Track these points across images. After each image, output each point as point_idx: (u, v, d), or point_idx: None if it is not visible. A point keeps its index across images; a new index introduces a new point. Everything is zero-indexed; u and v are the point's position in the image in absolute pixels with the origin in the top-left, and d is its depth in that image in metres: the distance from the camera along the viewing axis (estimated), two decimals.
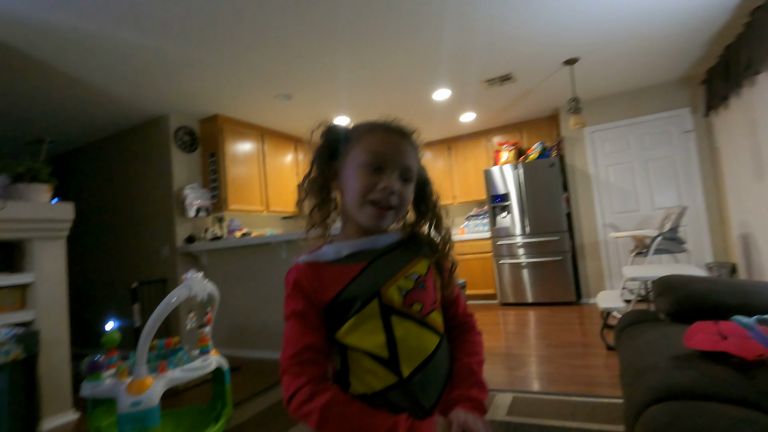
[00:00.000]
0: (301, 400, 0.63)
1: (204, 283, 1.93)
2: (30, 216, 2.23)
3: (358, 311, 0.68)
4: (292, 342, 0.68)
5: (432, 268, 0.76)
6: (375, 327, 0.68)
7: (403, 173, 0.73)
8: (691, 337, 1.19)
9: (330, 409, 0.62)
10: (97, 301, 4.18)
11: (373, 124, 0.75)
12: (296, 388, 0.64)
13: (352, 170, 0.72)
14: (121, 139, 4.09)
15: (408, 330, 0.68)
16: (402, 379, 0.66)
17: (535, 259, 4.52)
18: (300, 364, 0.66)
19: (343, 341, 0.69)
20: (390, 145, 0.72)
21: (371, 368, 0.67)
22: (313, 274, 0.70)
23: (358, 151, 0.72)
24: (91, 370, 1.75)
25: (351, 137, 0.75)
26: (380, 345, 0.67)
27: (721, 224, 3.93)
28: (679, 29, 3.02)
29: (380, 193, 0.70)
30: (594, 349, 2.80)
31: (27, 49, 2.50)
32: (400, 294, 0.70)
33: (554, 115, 4.83)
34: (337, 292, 0.69)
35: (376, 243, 0.74)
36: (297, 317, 0.69)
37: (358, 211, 0.72)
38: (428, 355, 0.69)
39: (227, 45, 2.70)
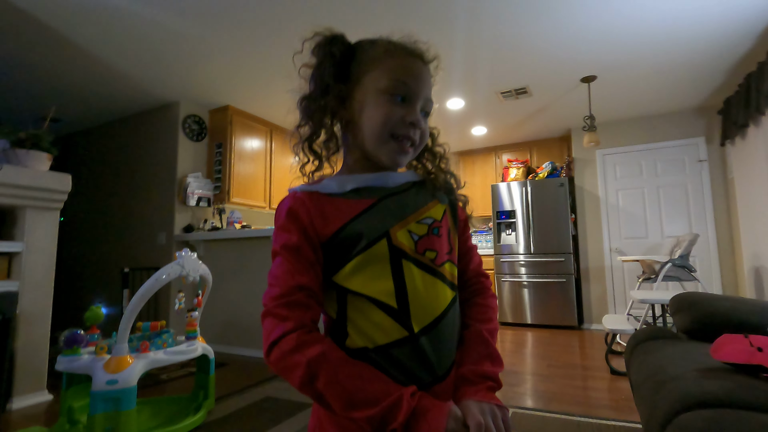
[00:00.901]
0: (286, 349, 0.52)
1: (197, 264, 1.84)
2: (26, 183, 2.16)
3: (364, 250, 0.58)
4: (281, 280, 0.57)
5: (447, 214, 0.67)
6: (383, 271, 0.58)
7: (425, 106, 0.64)
8: (720, 348, 1.09)
9: (320, 365, 0.52)
10: (87, 283, 4.08)
11: (390, 43, 0.64)
12: (281, 333, 0.53)
13: (371, 97, 0.62)
14: (129, 122, 4.06)
15: (421, 279, 0.59)
16: (412, 334, 0.57)
17: (538, 279, 4.41)
18: (288, 305, 0.55)
19: (343, 285, 0.59)
20: (413, 73, 0.63)
21: (376, 319, 0.57)
22: (313, 203, 0.60)
23: (378, 75, 0.62)
24: (68, 343, 1.65)
25: (365, 57, 0.64)
26: (388, 292, 0.57)
27: (732, 256, 3.83)
28: (700, 55, 2.99)
29: (406, 127, 0.61)
30: (597, 373, 2.67)
31: (43, 16, 2.47)
32: (411, 239, 0.60)
33: (566, 136, 4.79)
34: (339, 226, 0.59)
35: (386, 180, 0.64)
36: (289, 252, 0.58)
37: (377, 146, 0.62)
38: (441, 311, 0.60)
39: (245, 33, 2.67)
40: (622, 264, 4.22)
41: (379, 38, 0.66)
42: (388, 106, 0.61)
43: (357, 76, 0.63)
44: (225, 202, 3.81)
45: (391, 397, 0.51)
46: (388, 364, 0.56)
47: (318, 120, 0.64)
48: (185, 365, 2.87)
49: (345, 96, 0.63)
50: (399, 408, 0.50)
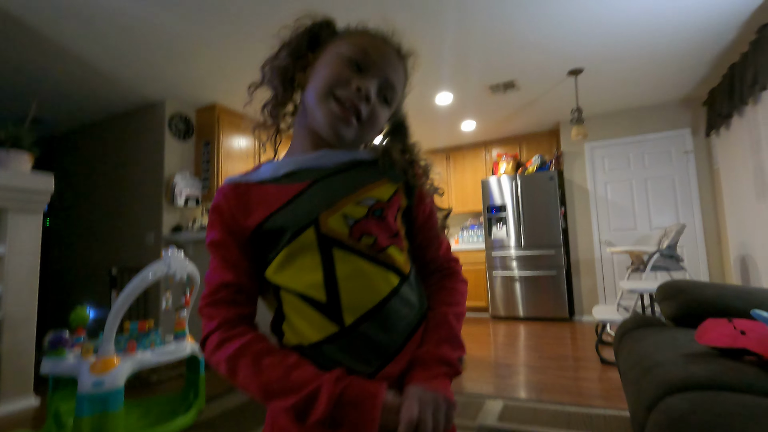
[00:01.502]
0: (210, 347, 0.54)
1: (184, 262, 1.82)
2: (6, 183, 2.12)
3: (289, 242, 0.55)
4: (210, 279, 0.57)
5: (399, 194, 0.62)
6: (312, 263, 0.54)
7: (384, 87, 0.60)
8: (704, 333, 1.10)
9: (239, 359, 0.51)
10: (75, 285, 4.02)
11: (370, 29, 0.64)
12: (206, 332, 0.55)
13: (327, 58, 0.60)
14: (114, 122, 3.99)
15: (354, 267, 0.54)
16: (343, 328, 0.53)
17: (529, 273, 4.43)
18: (213, 304, 0.55)
19: (273, 280, 0.56)
20: (380, 51, 0.60)
21: (306, 314, 0.54)
22: (236, 196, 0.58)
23: (342, 43, 0.61)
24: (53, 345, 1.62)
25: (339, 31, 0.64)
26: (316, 285, 0.54)
27: (719, 245, 3.89)
28: (684, 46, 3.02)
29: (351, 91, 0.57)
30: (588, 363, 2.70)
31: (22, 13, 2.41)
32: (345, 223, 0.56)
33: (554, 129, 4.81)
34: (263, 217, 0.56)
35: (322, 160, 0.60)
36: (214, 249, 0.57)
37: (318, 105, 0.59)
38: (380, 300, 0.54)
39: (232, 29, 2.64)
40: (611, 255, 4.26)
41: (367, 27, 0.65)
42: (339, 66, 0.59)
43: (324, 44, 0.63)
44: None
45: (311, 385, 0.48)
46: (322, 361, 0.53)
47: (278, 80, 0.63)
48: (175, 366, 2.84)
49: (307, 64, 0.62)
50: (317, 397, 0.48)
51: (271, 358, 0.51)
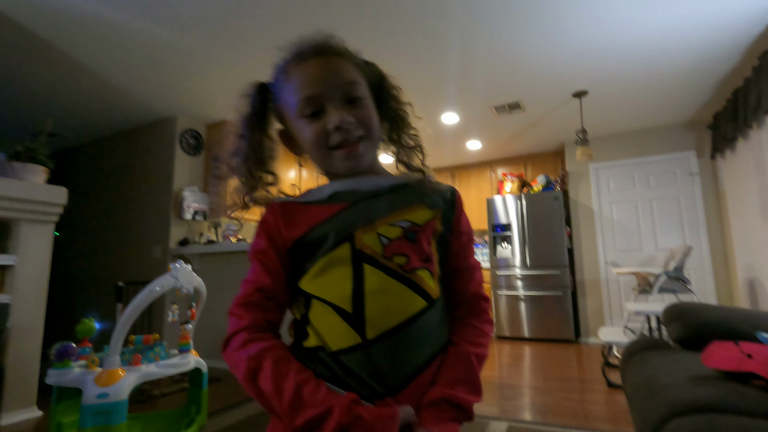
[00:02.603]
0: (234, 346, 0.56)
1: (191, 275, 1.84)
2: (21, 195, 2.16)
3: (326, 253, 0.58)
4: (247, 283, 0.60)
5: (436, 221, 0.63)
6: (343, 275, 0.57)
7: (346, 94, 0.61)
8: (710, 356, 1.09)
9: (261, 360, 0.53)
10: (81, 297, 4.04)
11: (283, 62, 0.65)
12: (233, 331, 0.57)
13: (294, 127, 0.64)
14: (126, 137, 4.08)
15: (382, 284, 0.56)
16: (365, 341, 0.54)
17: (534, 293, 4.40)
18: (245, 305, 0.58)
19: (306, 289, 0.59)
20: (311, 80, 0.60)
21: (332, 323, 0.56)
22: (283, 212, 0.62)
23: (287, 104, 0.63)
24: (59, 356, 1.63)
25: (276, 86, 0.65)
26: (345, 296, 0.56)
27: (726, 268, 3.85)
28: (688, 71, 3.07)
29: (337, 134, 0.60)
30: (594, 386, 2.65)
31: (41, 31, 2.51)
32: (379, 242, 0.58)
33: (560, 150, 4.85)
34: (306, 230, 0.60)
35: (362, 184, 0.64)
36: (256, 257, 0.61)
37: (326, 164, 0.63)
38: (405, 319, 0.56)
39: (243, 47, 2.72)
40: (617, 277, 4.23)
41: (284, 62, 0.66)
42: (306, 128, 0.61)
43: (284, 113, 0.66)
44: (221, 216, 3.81)
45: (326, 404, 0.49)
46: (339, 369, 0.55)
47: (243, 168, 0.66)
48: (178, 380, 2.84)
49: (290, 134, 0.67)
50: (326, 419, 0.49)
51: (288, 367, 0.53)
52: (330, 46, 0.64)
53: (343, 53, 0.64)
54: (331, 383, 0.54)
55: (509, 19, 2.45)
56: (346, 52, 0.65)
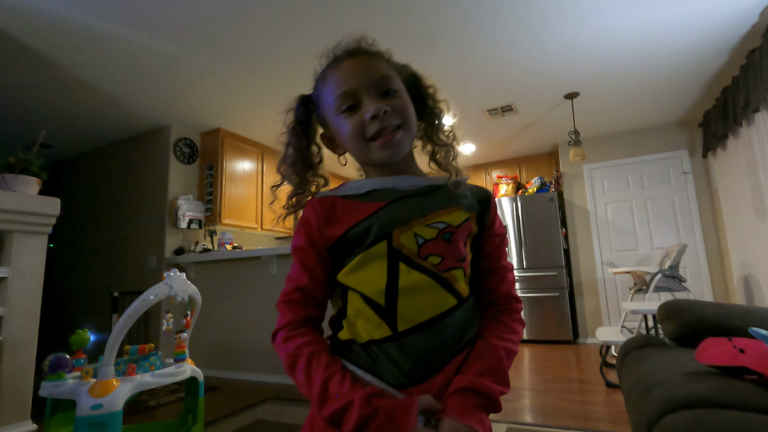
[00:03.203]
0: (278, 342, 0.62)
1: (185, 283, 1.83)
2: (14, 207, 2.15)
3: (364, 249, 0.61)
4: (289, 280, 0.65)
5: (471, 222, 0.65)
6: (379, 270, 0.60)
7: (380, 87, 0.64)
8: (704, 352, 1.10)
9: (297, 358, 0.58)
10: (76, 309, 4.01)
11: (328, 59, 0.69)
12: (278, 327, 0.63)
13: (335, 124, 0.67)
14: (120, 147, 4.08)
15: (416, 282, 0.59)
16: (395, 333, 0.57)
17: (531, 294, 4.40)
18: (287, 303, 0.63)
19: (343, 282, 0.63)
20: (345, 77, 0.64)
21: (366, 315, 0.60)
22: (323, 209, 0.64)
23: (325, 105, 0.67)
24: (53, 368, 1.61)
25: (315, 93, 0.70)
26: (379, 291, 0.59)
27: (721, 265, 3.87)
28: (677, 70, 3.10)
29: (374, 124, 0.62)
30: (593, 386, 2.65)
31: (38, 45, 2.51)
32: (415, 242, 0.61)
33: (553, 151, 4.88)
34: (346, 228, 0.62)
35: (401, 183, 0.66)
36: (296, 254, 0.65)
37: (365, 155, 0.66)
38: (436, 315, 0.58)
39: (236, 56, 2.73)
40: (614, 276, 4.24)
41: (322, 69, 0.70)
42: (345, 123, 0.64)
43: (323, 115, 0.69)
44: (216, 224, 3.80)
45: (348, 398, 0.52)
46: (369, 359, 0.58)
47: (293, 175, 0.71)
48: (174, 390, 2.81)
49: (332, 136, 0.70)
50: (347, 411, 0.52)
51: (318, 362, 0.57)
52: (362, 47, 0.68)
53: (376, 53, 0.68)
54: (367, 372, 0.58)
55: (500, 23, 2.48)
56: (379, 52, 0.69)
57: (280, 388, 2.81)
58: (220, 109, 3.55)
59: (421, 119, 0.71)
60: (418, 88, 0.72)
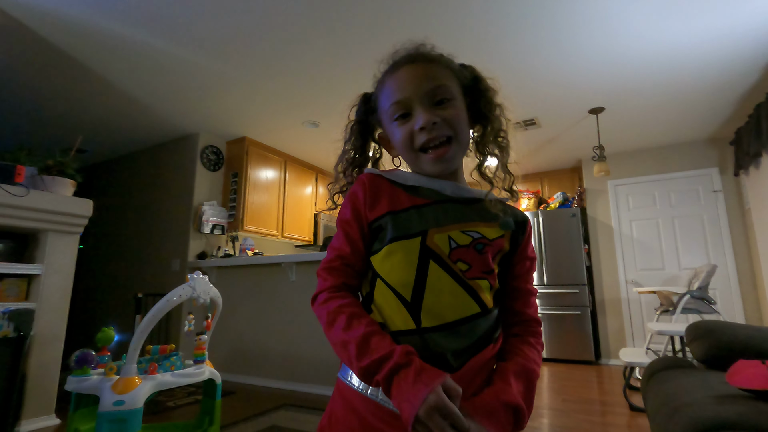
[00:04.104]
0: (319, 302, 0.64)
1: (208, 286, 1.87)
2: (50, 207, 2.25)
3: (398, 240, 0.62)
4: (332, 249, 0.67)
5: (504, 241, 0.66)
6: (409, 264, 0.61)
7: (434, 96, 0.64)
8: (736, 374, 1.06)
9: (337, 315, 0.60)
10: (101, 308, 4.14)
11: (392, 63, 0.70)
12: (318, 291, 0.66)
13: (388, 126, 0.69)
14: (151, 153, 4.23)
15: (443, 282, 0.60)
16: (419, 328, 0.59)
17: (552, 311, 4.30)
18: (329, 269, 0.66)
19: (375, 267, 0.65)
20: (400, 86, 0.65)
21: (393, 305, 0.61)
22: (372, 186, 0.67)
23: (382, 110, 0.69)
24: (79, 363, 1.66)
25: (375, 95, 0.72)
26: (406, 284, 0.60)
27: (754, 289, 3.70)
28: (707, 86, 3.03)
29: (422, 135, 0.63)
30: (615, 408, 2.56)
31: (78, 54, 2.65)
32: (448, 244, 0.62)
33: (577, 166, 4.80)
34: (385, 212, 0.64)
35: (444, 187, 0.67)
36: (341, 226, 0.68)
37: (417, 164, 0.67)
38: (459, 319, 0.59)
39: (262, 67, 2.82)
40: (639, 296, 4.11)
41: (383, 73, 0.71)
42: (397, 131, 0.67)
43: (381, 118, 0.72)
44: (239, 230, 3.88)
45: (385, 350, 0.54)
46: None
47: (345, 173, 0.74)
48: (191, 392, 2.85)
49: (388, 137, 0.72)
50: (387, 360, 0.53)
51: (360, 321, 0.59)
52: (421, 53, 0.68)
53: (435, 58, 0.68)
54: None
55: (524, 36, 2.48)
56: (438, 57, 0.69)
57: (296, 395, 2.81)
58: (246, 118, 3.64)
59: (476, 123, 0.72)
60: (476, 90, 0.71)
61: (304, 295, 3.09)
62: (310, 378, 2.95)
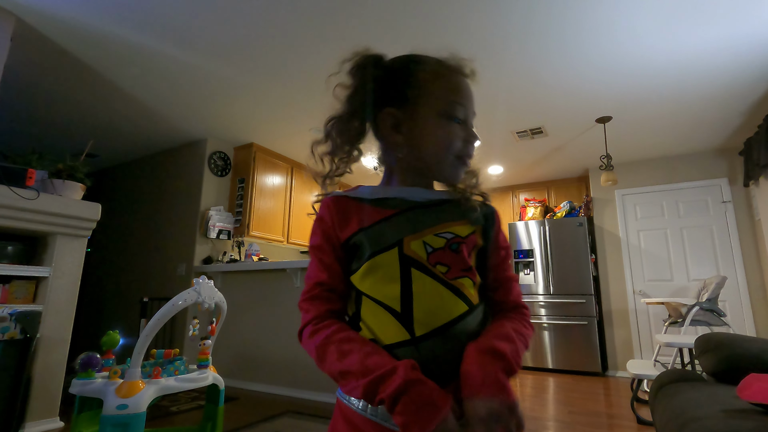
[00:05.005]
0: (305, 337, 0.62)
1: (213, 290, 1.88)
2: (59, 210, 2.27)
3: (375, 255, 0.62)
4: (308, 278, 0.65)
5: (477, 235, 0.67)
6: (392, 276, 0.61)
7: (472, 121, 0.69)
8: (747, 388, 1.04)
9: (326, 347, 0.58)
10: (107, 311, 4.16)
11: (438, 63, 0.69)
12: (303, 324, 0.63)
13: (432, 120, 0.66)
14: (159, 158, 4.27)
15: (429, 287, 0.60)
16: (414, 337, 0.58)
17: (559, 322, 4.26)
18: (309, 300, 0.63)
19: (357, 286, 0.63)
20: (465, 93, 0.68)
21: (382, 320, 0.60)
22: (337, 208, 0.66)
23: (434, 99, 0.66)
24: (84, 366, 1.67)
25: (416, 81, 0.67)
26: (394, 297, 0.60)
27: (765, 301, 3.64)
28: (716, 96, 3.01)
29: (467, 147, 0.67)
30: (623, 422, 2.51)
31: (90, 60, 2.69)
32: (424, 250, 0.62)
33: (584, 175, 4.78)
34: (356, 230, 0.64)
35: (413, 194, 0.67)
36: (313, 252, 0.66)
37: (442, 167, 0.67)
38: (449, 321, 0.59)
39: (269, 74, 2.85)
40: (646, 307, 4.06)
41: (423, 57, 0.70)
42: (449, 129, 0.66)
43: (412, 99, 0.66)
44: (244, 235, 3.89)
45: (387, 366, 0.52)
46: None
47: (340, 142, 0.68)
48: (195, 398, 2.85)
49: (400, 120, 0.66)
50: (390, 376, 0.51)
51: (351, 345, 0.57)
52: (468, 71, 0.70)
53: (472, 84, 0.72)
54: None
55: (531, 45, 2.49)
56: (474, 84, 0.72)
57: (299, 403, 2.79)
58: (253, 125, 3.68)
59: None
60: None
61: None
62: (313, 385, 2.93)
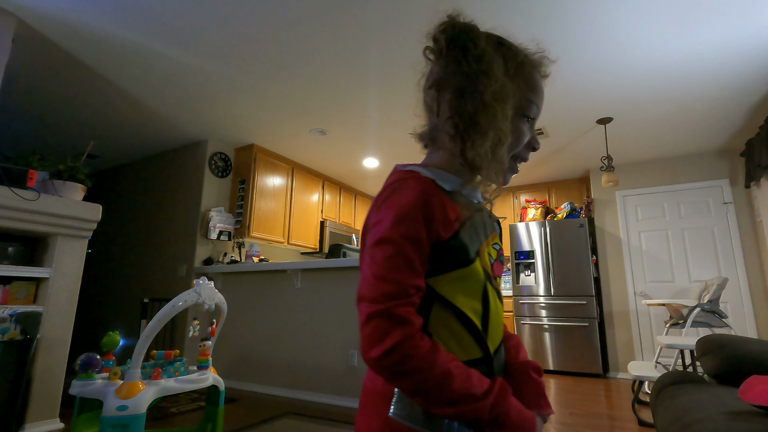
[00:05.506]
0: (423, 350, 0.47)
1: (213, 292, 1.87)
2: (59, 211, 2.27)
3: (469, 264, 0.54)
4: (398, 276, 0.49)
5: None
6: (476, 289, 0.56)
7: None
8: (749, 390, 1.03)
9: (448, 364, 0.49)
10: (107, 312, 4.15)
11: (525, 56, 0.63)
12: (400, 338, 0.46)
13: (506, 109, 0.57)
14: (160, 159, 4.27)
15: (496, 302, 0.59)
16: (487, 355, 0.56)
17: (559, 323, 4.25)
18: (408, 305, 0.49)
19: (439, 291, 0.53)
20: (541, 95, 0.64)
21: (458, 334, 0.54)
22: (439, 197, 0.53)
23: (516, 89, 0.59)
24: (84, 367, 1.67)
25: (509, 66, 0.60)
26: (477, 311, 0.55)
27: (766, 302, 3.63)
28: (717, 97, 3.01)
29: (527, 151, 0.63)
30: (624, 423, 2.51)
31: (92, 62, 2.70)
32: (489, 261, 0.59)
33: (585, 176, 4.77)
34: (454, 231, 0.53)
35: (474, 194, 0.61)
36: (412, 245, 0.50)
37: (494, 162, 0.55)
38: (503, 336, 0.62)
39: (270, 75, 2.85)
40: (648, 308, 4.05)
41: (513, 44, 0.64)
42: (520, 127, 0.61)
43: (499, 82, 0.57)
44: (245, 236, 3.89)
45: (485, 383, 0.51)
46: None
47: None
48: (195, 399, 2.84)
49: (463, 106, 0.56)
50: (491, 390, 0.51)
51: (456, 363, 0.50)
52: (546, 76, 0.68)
53: None
54: None
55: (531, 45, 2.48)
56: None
57: (299, 404, 2.79)
58: (254, 126, 3.68)
59: None
60: None
61: (309, 302, 3.09)
62: (314, 386, 2.93)
